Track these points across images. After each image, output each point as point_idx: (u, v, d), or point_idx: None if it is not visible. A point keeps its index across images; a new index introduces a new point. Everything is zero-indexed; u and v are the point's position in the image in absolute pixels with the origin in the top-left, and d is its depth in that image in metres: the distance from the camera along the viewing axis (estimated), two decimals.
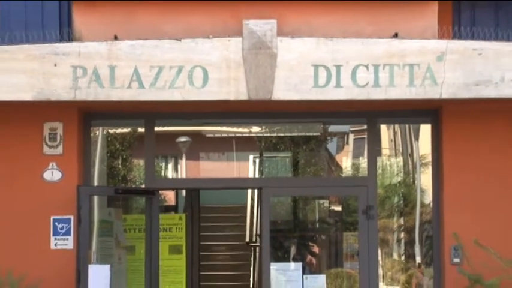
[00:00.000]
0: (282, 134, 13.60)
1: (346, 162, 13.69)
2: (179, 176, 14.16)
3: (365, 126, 12.08)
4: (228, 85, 10.71)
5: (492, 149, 11.42)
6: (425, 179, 12.03)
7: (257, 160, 14.53)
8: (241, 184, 15.16)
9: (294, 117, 12.31)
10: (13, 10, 11.43)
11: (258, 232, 14.69)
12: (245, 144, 14.12)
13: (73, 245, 11.21)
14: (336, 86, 10.68)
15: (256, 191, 15.54)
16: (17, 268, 10.67)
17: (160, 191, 12.28)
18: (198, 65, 10.66)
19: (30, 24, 11.33)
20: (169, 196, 14.44)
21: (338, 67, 10.67)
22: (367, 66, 10.67)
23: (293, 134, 13.67)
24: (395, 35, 10.88)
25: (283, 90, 10.71)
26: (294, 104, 11.04)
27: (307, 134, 13.56)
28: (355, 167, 13.11)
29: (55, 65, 10.62)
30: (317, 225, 14.64)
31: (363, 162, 12.12)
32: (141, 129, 12.08)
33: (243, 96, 10.72)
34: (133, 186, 12.72)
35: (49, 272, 10.93)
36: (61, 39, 11.11)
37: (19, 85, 10.65)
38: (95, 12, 11.18)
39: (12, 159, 11.30)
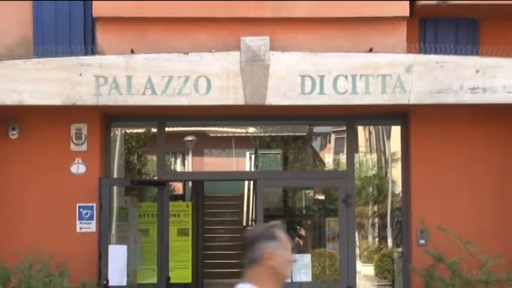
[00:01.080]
0: (273, 134, 13.61)
1: (328, 158, 13.70)
2: (186, 170, 14.15)
3: (344, 128, 12.10)
4: (228, 92, 10.75)
5: (452, 147, 11.38)
6: (395, 173, 12.08)
7: (253, 156, 14.56)
8: (239, 176, 15.26)
9: (284, 119, 12.33)
10: (45, 28, 11.35)
11: (253, 217, 14.62)
12: (242, 142, 14.24)
13: (95, 228, 11.22)
14: (320, 93, 10.74)
15: (251, 182, 15.41)
16: (48, 248, 10.62)
17: (170, 182, 12.40)
18: (202, 75, 10.69)
19: (60, 40, 11.28)
20: (178, 187, 14.37)
21: (321, 77, 10.72)
22: (346, 76, 10.72)
23: (283, 134, 13.64)
24: (370, 50, 10.91)
25: (275, 97, 10.76)
26: (284, 108, 11.05)
27: (295, 134, 13.54)
28: (336, 162, 13.12)
29: (80, 75, 10.69)
30: (303, 212, 14.59)
31: (343, 158, 12.20)
32: (154, 130, 12.10)
33: (240, 101, 10.76)
34: (147, 178, 12.71)
35: (75, 251, 10.87)
36: (86, 53, 11.04)
37: (50, 92, 10.70)
38: (114, 30, 11.18)
39: (44, 155, 11.30)
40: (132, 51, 10.89)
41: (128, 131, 12.69)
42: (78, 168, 11.35)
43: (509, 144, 11.31)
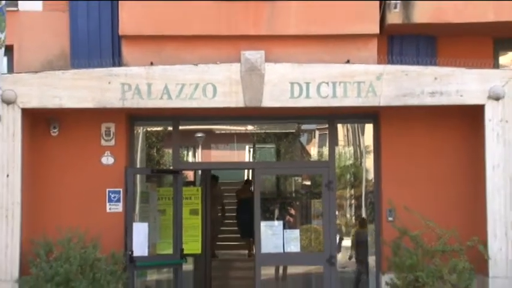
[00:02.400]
0: (268, 131, 13.51)
1: (313, 150, 13.59)
2: (196, 160, 14.03)
3: (326, 125, 11.92)
4: (231, 96, 10.74)
5: (415, 141, 11.30)
6: (368, 162, 12.06)
7: (251, 149, 14.55)
8: (240, 166, 15.42)
9: (277, 119, 12.23)
10: (80, 44, 11.39)
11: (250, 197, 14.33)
12: (242, 138, 14.17)
13: (122, 209, 11.20)
14: (306, 97, 10.74)
15: (250, 171, 15.45)
16: (83, 225, 10.69)
17: (183, 171, 12.27)
18: (209, 83, 10.70)
19: (92, 54, 11.27)
20: (190, 174, 14.33)
21: (307, 84, 10.73)
22: (327, 83, 10.71)
23: (276, 131, 13.56)
24: (347, 61, 10.85)
25: (269, 100, 10.77)
26: (277, 109, 11.02)
27: (286, 131, 13.49)
28: (320, 154, 12.98)
29: (109, 83, 10.72)
30: (293, 195, 14.53)
31: (325, 150, 12.08)
32: (170, 128, 11.95)
33: (241, 104, 10.75)
34: (164, 167, 12.62)
35: (105, 228, 10.88)
36: (113, 65, 11.02)
37: (84, 97, 10.76)
38: (137, 46, 11.16)
39: (79, 149, 11.27)
40: (152, 63, 10.87)
41: (148, 129, 12.58)
42: (107, 159, 11.32)
43: (461, 138, 11.23)
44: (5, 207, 10.42)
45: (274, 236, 11.66)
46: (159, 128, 12.52)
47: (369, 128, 12.01)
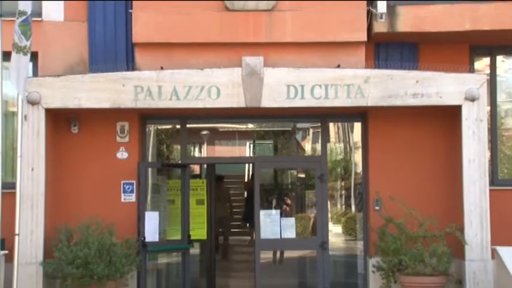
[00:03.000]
0: (267, 129, 13.45)
1: (307, 146, 13.54)
2: (202, 155, 13.95)
3: (319, 124, 11.94)
4: (233, 97, 10.77)
5: (399, 138, 11.31)
6: (357, 157, 12.05)
7: (251, 145, 14.44)
8: (241, 160, 15.32)
9: (274, 118, 12.32)
10: (97, 51, 11.36)
11: (251, 188, 14.27)
12: (244, 135, 14.12)
13: (135, 199, 11.21)
14: (301, 98, 10.77)
15: (251, 165, 15.41)
16: (100, 213, 10.69)
17: (190, 165, 12.29)
18: (214, 85, 10.73)
19: (108, 59, 11.24)
20: (196, 168, 14.28)
21: (302, 86, 10.76)
22: (320, 86, 10.75)
23: (274, 129, 13.46)
24: (338, 66, 10.88)
25: (268, 101, 10.78)
26: (274, 109, 11.05)
27: (283, 128, 13.41)
28: (313, 149, 12.92)
29: (123, 86, 10.73)
30: (289, 186, 14.49)
31: (318, 146, 12.08)
32: (178, 126, 11.97)
33: (242, 104, 10.78)
34: (173, 161, 12.54)
35: (120, 216, 10.96)
36: (127, 69, 11.04)
37: (101, 98, 10.76)
38: (148, 52, 11.11)
39: (96, 145, 11.28)
40: (162, 68, 10.87)
41: (159, 127, 12.52)
42: (122, 154, 11.35)
43: (440, 135, 11.24)
44: (30, 198, 10.39)
45: (272, 224, 11.65)
46: (168, 126, 12.46)
47: (357, 126, 11.99)
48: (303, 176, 13.53)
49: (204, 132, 13.51)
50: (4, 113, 9.35)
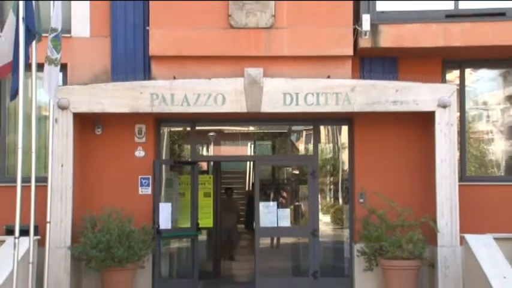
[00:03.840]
0: (266, 131, 13.33)
1: (301, 146, 13.41)
2: (209, 154, 13.85)
3: (311, 127, 11.95)
4: (236, 104, 10.79)
5: (381, 139, 11.34)
6: (344, 156, 12.01)
7: (252, 145, 14.32)
8: (243, 159, 15.34)
9: (272, 121, 12.26)
10: (118, 63, 11.37)
11: (252, 185, 14.36)
12: (245, 136, 14.00)
13: (151, 192, 11.25)
14: (296, 105, 10.79)
15: (251, 162, 15.26)
16: (120, 204, 10.79)
17: (198, 162, 12.37)
18: (220, 93, 10.75)
19: (128, 70, 11.27)
20: (204, 165, 14.18)
21: (297, 94, 10.77)
22: (312, 94, 10.77)
23: (272, 131, 13.37)
24: (328, 77, 10.89)
25: (267, 107, 10.80)
26: (272, 114, 11.05)
27: (280, 131, 13.30)
28: (306, 149, 12.80)
29: (141, 93, 10.74)
30: (285, 181, 14.34)
31: (310, 146, 12.06)
32: (188, 128, 11.96)
33: (244, 110, 10.81)
34: (184, 159, 12.51)
35: (138, 207, 11.03)
36: (144, 79, 11.08)
37: (121, 104, 10.79)
38: (163, 64, 11.13)
39: (117, 144, 11.31)
40: (174, 78, 10.88)
41: (171, 129, 12.40)
42: (139, 153, 11.38)
43: (416, 137, 11.24)
44: (60, 190, 10.48)
45: (270, 214, 11.70)
46: (179, 129, 12.39)
47: (344, 129, 11.95)
48: (297, 172, 13.40)
49: (211, 134, 13.38)
50: (38, 117, 9.14)
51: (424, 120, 11.04)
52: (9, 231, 9.47)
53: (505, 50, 11.11)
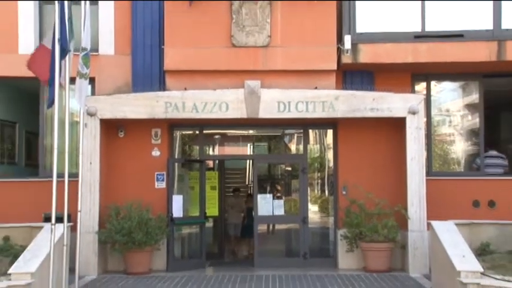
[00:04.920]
0: (263, 134, 13.25)
1: (293, 147, 13.26)
2: (215, 153, 13.71)
3: (302, 131, 11.86)
4: (238, 111, 10.77)
5: (361, 141, 11.29)
6: (330, 155, 11.92)
7: (251, 146, 14.22)
8: (244, 158, 15.10)
9: (268, 126, 12.15)
10: (138, 76, 11.36)
11: (251, 180, 14.14)
12: (245, 138, 13.89)
13: (165, 186, 11.24)
14: (288, 111, 10.78)
15: (251, 161, 14.96)
16: (140, 196, 10.82)
17: (206, 161, 12.30)
18: (224, 102, 10.76)
19: (146, 82, 11.26)
20: (210, 163, 13.92)
21: (289, 102, 10.76)
22: (302, 102, 10.77)
23: (268, 134, 13.27)
24: (316, 88, 10.89)
25: (263, 113, 10.78)
26: (268, 119, 11.05)
27: (274, 134, 13.20)
28: (297, 149, 12.59)
29: (157, 102, 10.76)
30: (279, 177, 14.18)
31: (301, 147, 11.94)
32: (197, 132, 11.89)
33: (244, 116, 10.80)
34: (193, 158, 12.34)
35: (154, 198, 11.01)
36: (159, 90, 11.04)
37: (140, 111, 10.80)
38: (175, 77, 11.08)
39: (137, 145, 11.34)
40: (185, 89, 10.88)
41: (183, 132, 12.31)
42: (155, 152, 11.37)
43: (390, 139, 11.15)
44: (89, 184, 10.51)
45: (267, 204, 11.65)
46: (190, 132, 12.41)
47: (330, 132, 11.94)
48: (289, 169, 13.27)
49: (216, 136, 13.29)
50: (70, 122, 9.28)
51: (397, 125, 11.00)
52: (47, 219, 9.54)
53: (464, 65, 11.19)
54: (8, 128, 12.32)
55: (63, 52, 8.30)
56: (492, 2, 10.85)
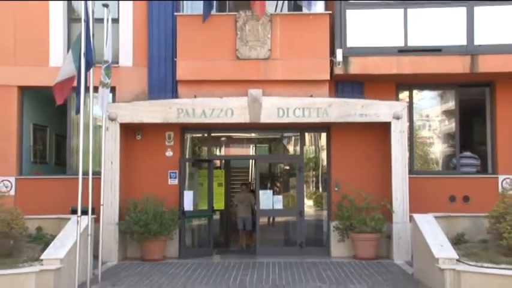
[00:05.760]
0: (264, 137, 13.17)
1: (291, 148, 13.21)
2: (221, 154, 13.56)
3: (298, 134, 11.87)
4: (242, 116, 10.77)
5: (351, 143, 11.29)
6: (323, 155, 11.98)
7: (254, 147, 14.00)
8: (247, 158, 14.91)
9: (269, 129, 12.19)
10: (153, 85, 11.37)
11: (254, 177, 13.90)
12: (249, 141, 13.72)
13: (177, 182, 11.24)
14: (286, 117, 10.78)
15: (253, 160, 14.56)
16: (155, 191, 10.84)
17: (213, 160, 12.22)
18: (229, 108, 10.75)
19: (160, 90, 11.27)
20: (217, 162, 13.73)
21: (287, 109, 10.76)
22: (299, 108, 10.78)
23: (268, 136, 13.21)
24: (311, 96, 10.88)
25: (264, 118, 10.79)
26: (269, 124, 11.05)
27: (274, 136, 13.12)
28: (295, 150, 12.55)
29: (170, 108, 10.77)
30: (279, 175, 14.06)
31: (298, 148, 11.94)
32: (205, 134, 11.87)
33: (247, 120, 10.81)
34: (202, 158, 12.23)
35: (168, 193, 11.03)
36: (172, 97, 11.03)
37: (155, 116, 10.78)
38: (186, 86, 11.08)
39: (153, 147, 11.34)
40: (195, 96, 10.89)
41: (193, 135, 12.21)
42: (169, 153, 11.37)
43: (377, 141, 11.16)
44: (110, 181, 10.51)
45: (267, 199, 11.64)
46: (199, 135, 12.36)
47: (324, 135, 11.92)
48: (287, 168, 13.19)
49: (223, 139, 13.18)
50: (94, 126, 9.35)
51: (383, 129, 11.03)
52: (74, 211, 9.50)
53: (442, 76, 11.21)
54: (40, 131, 12.41)
55: (88, 65, 8.41)
56: (466, 20, 10.91)
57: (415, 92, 11.93)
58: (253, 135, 13.28)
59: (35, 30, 11.56)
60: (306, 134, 12.13)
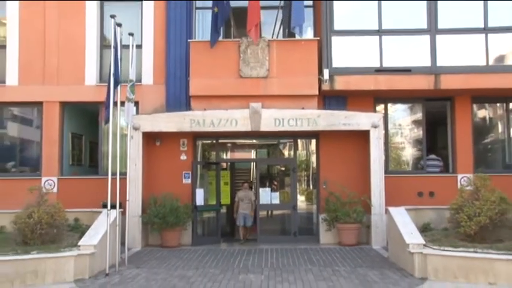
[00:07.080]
0: (263, 143, 13.15)
1: (286, 152, 13.02)
2: (227, 157, 13.32)
3: (292, 140, 11.92)
4: (244, 125, 10.77)
5: (337, 148, 11.30)
6: (313, 158, 11.93)
7: (255, 152, 13.84)
8: (249, 160, 14.46)
9: (267, 137, 12.13)
10: (170, 100, 11.35)
11: (255, 177, 13.27)
12: (250, 146, 13.63)
13: (190, 182, 11.26)
14: (282, 126, 10.77)
15: (255, 163, 13.89)
16: (171, 189, 10.94)
17: (220, 163, 12.08)
18: (234, 119, 10.78)
19: (176, 104, 11.28)
20: (224, 164, 13.06)
21: (283, 119, 10.77)
22: (293, 119, 10.73)
23: (267, 142, 13.18)
24: (303, 108, 10.87)
25: (264, 127, 10.78)
26: (267, 132, 11.05)
27: (272, 142, 13.05)
28: (289, 154, 12.42)
29: (184, 119, 10.79)
30: (276, 175, 13.58)
31: (292, 152, 12.13)
32: (214, 141, 11.83)
33: (249, 129, 10.79)
34: (211, 161, 12.12)
35: (182, 191, 11.05)
36: (186, 110, 11.06)
37: (172, 126, 10.83)
38: (197, 100, 10.96)
39: (169, 152, 11.11)
40: (205, 109, 10.89)
41: (203, 141, 12.10)
42: (183, 157, 11.41)
43: (359, 146, 11.18)
44: (134, 180, 10.54)
45: (266, 196, 11.61)
46: (208, 141, 12.24)
47: (313, 141, 11.88)
48: (283, 169, 13.01)
49: (228, 145, 13.11)
50: (121, 135, 9.51)
51: (363, 136, 11.08)
52: (104, 206, 9.47)
53: (411, 92, 11.23)
54: (76, 139, 12.54)
55: (116, 83, 8.59)
56: (429, 45, 10.92)
57: (389, 104, 12.01)
58: (254, 141, 13.22)
59: (74, 55, 11.68)
60: (299, 140, 12.16)
